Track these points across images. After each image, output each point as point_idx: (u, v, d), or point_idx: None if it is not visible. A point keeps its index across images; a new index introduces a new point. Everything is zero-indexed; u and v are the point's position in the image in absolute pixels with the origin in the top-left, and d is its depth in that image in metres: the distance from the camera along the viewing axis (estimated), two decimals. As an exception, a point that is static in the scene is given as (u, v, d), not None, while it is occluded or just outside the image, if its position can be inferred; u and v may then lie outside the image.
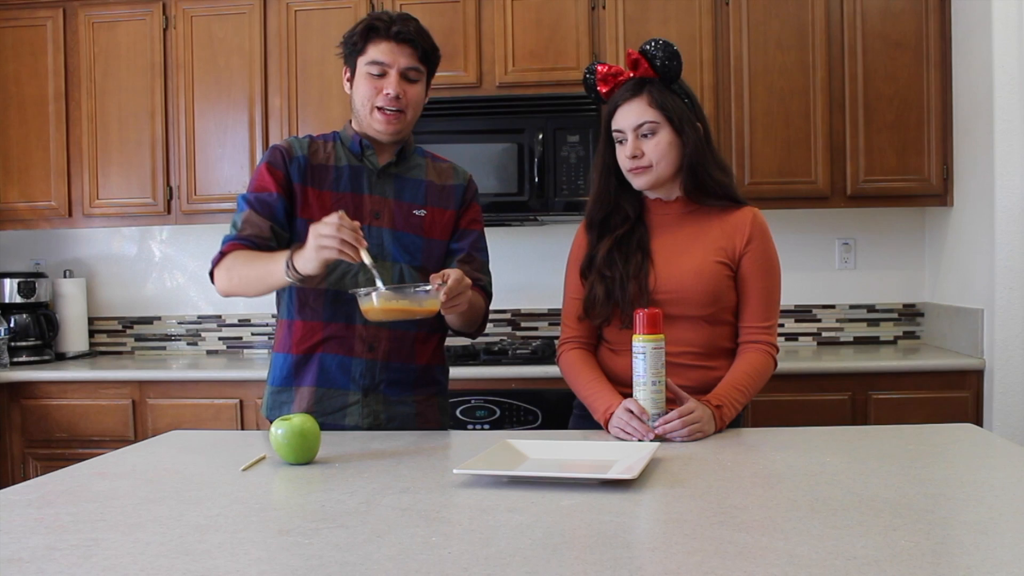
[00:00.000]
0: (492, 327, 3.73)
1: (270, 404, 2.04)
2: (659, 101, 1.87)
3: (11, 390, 3.33)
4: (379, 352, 1.97)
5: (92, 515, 1.28)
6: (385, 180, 2.02)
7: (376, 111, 1.95)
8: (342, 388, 1.97)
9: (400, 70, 1.93)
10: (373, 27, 1.93)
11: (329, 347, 1.97)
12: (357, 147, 2.02)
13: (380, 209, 2.00)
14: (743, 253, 1.91)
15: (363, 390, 1.96)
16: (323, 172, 2.00)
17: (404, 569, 1.03)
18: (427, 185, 2.05)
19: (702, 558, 1.04)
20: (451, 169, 2.12)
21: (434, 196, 2.05)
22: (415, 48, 1.94)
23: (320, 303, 1.96)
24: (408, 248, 2.00)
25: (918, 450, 1.64)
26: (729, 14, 3.33)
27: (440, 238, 2.05)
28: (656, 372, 1.71)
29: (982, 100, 3.05)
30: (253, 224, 1.94)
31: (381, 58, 1.93)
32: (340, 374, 1.97)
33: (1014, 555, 1.05)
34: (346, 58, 2.00)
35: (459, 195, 2.09)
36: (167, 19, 3.53)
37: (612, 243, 1.93)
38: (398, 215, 2.00)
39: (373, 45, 1.93)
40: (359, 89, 1.97)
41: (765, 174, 3.31)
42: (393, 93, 1.92)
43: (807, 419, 2.92)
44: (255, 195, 1.97)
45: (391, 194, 2.01)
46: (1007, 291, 2.98)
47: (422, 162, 2.08)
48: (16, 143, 3.61)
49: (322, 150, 2.03)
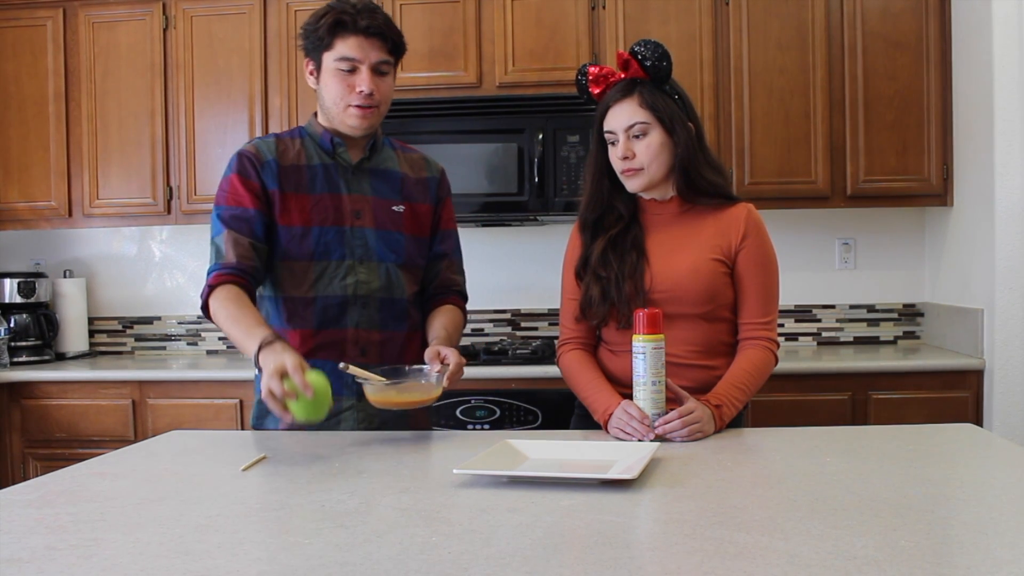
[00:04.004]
0: (492, 327, 3.73)
1: (256, 413, 2.01)
2: (649, 102, 1.87)
3: (11, 390, 3.33)
4: (371, 356, 1.95)
5: (92, 515, 1.28)
6: (361, 177, 1.99)
7: (350, 108, 1.91)
8: (336, 394, 1.90)
9: (371, 65, 1.89)
10: (340, 21, 1.87)
11: (321, 354, 1.93)
12: (328, 144, 1.98)
13: (360, 208, 1.97)
14: (739, 249, 1.91)
15: (357, 395, 1.94)
16: (296, 173, 1.95)
17: (404, 569, 1.02)
18: (403, 179, 2.03)
19: (702, 558, 1.04)
20: (422, 160, 2.10)
21: (410, 190, 2.04)
22: (384, 41, 1.90)
23: (310, 312, 1.94)
24: (392, 246, 1.98)
25: (918, 450, 1.64)
26: (729, 14, 3.33)
27: (420, 234, 2.04)
28: (656, 372, 1.71)
29: (982, 100, 3.05)
30: (235, 247, 1.88)
31: (351, 54, 1.88)
32: (334, 380, 1.91)
33: (1014, 555, 1.05)
34: (309, 51, 1.94)
35: (434, 188, 2.08)
36: (167, 19, 3.53)
37: (606, 243, 1.93)
38: (379, 213, 1.98)
39: (341, 40, 1.88)
40: (330, 87, 1.91)
41: (765, 174, 3.31)
42: (367, 90, 1.89)
43: (807, 419, 2.92)
44: (230, 212, 1.91)
45: (369, 191, 1.99)
46: (1007, 291, 2.98)
47: (392, 154, 2.06)
48: (16, 143, 3.61)
49: (291, 149, 1.97)
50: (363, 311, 1.95)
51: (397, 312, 1.99)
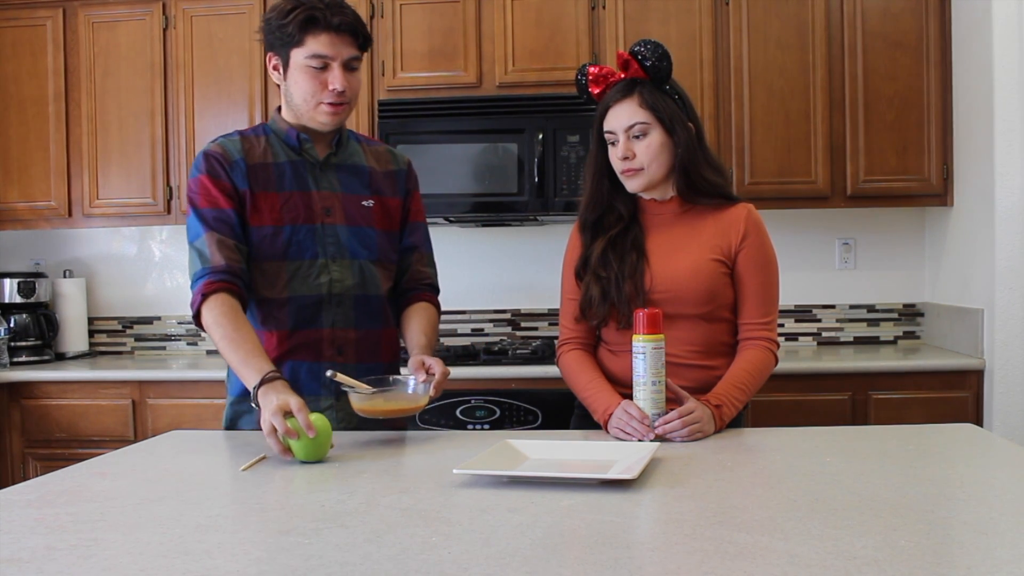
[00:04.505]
0: (492, 327, 3.73)
1: (230, 415, 1.98)
2: (650, 102, 1.87)
3: (11, 390, 3.33)
4: (349, 354, 1.94)
5: (92, 515, 1.28)
6: (328, 172, 1.97)
7: (322, 105, 1.89)
8: (313, 395, 1.91)
9: (343, 61, 1.87)
10: (312, 18, 1.83)
11: (298, 355, 1.92)
12: (294, 140, 1.95)
13: (330, 205, 1.95)
14: (739, 250, 1.91)
15: (335, 394, 1.92)
16: (264, 172, 1.92)
17: (404, 569, 1.02)
18: (370, 172, 2.02)
19: (702, 558, 1.04)
20: (388, 153, 2.09)
21: (378, 184, 2.02)
22: (355, 37, 1.88)
23: (284, 312, 1.92)
24: (364, 242, 1.97)
25: (918, 450, 1.64)
26: (729, 14, 3.33)
27: (390, 228, 2.03)
28: (656, 372, 1.71)
29: (982, 100, 3.05)
30: (221, 248, 1.85)
31: (323, 51, 1.85)
32: (311, 380, 1.92)
33: (1014, 555, 1.05)
34: (274, 46, 1.90)
35: (402, 182, 2.07)
36: (167, 19, 3.53)
37: (606, 243, 1.93)
38: (349, 208, 1.96)
39: (313, 37, 1.84)
40: (300, 84, 1.88)
41: (765, 174, 3.31)
42: (340, 87, 1.87)
43: (807, 419, 2.93)
44: (210, 213, 1.87)
45: (338, 187, 1.97)
46: (1007, 291, 2.98)
47: (358, 148, 2.05)
48: (16, 143, 3.61)
49: (257, 147, 1.94)
50: (338, 310, 1.93)
51: (372, 309, 1.97)
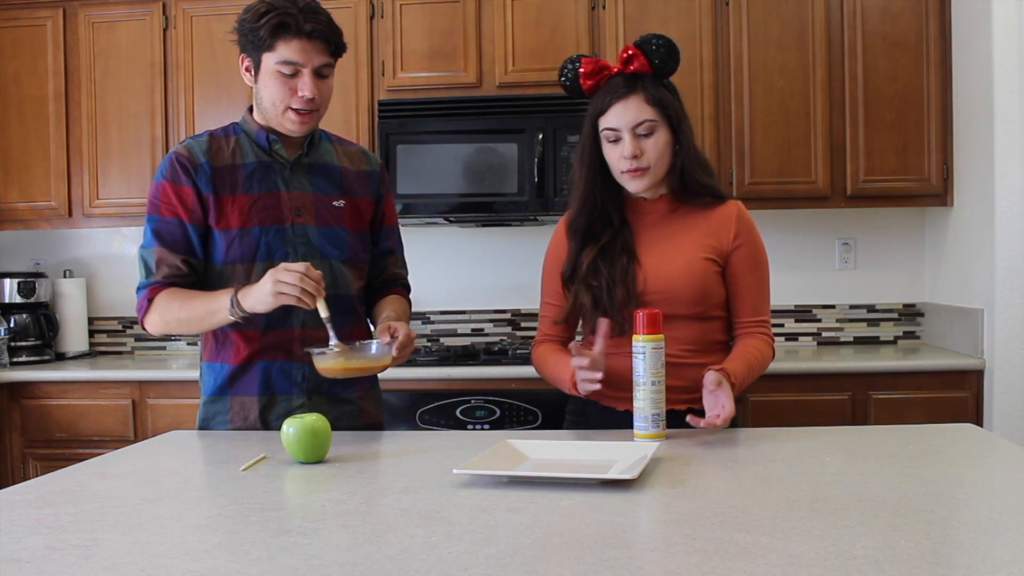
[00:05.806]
0: (492, 327, 3.73)
1: (203, 415, 1.98)
2: (656, 98, 1.84)
3: (11, 390, 3.33)
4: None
5: (92, 515, 1.28)
6: (299, 173, 1.96)
7: (290, 111, 1.87)
8: (286, 394, 1.92)
9: (314, 68, 1.85)
10: (284, 24, 1.81)
11: (269, 354, 1.92)
12: (264, 141, 1.94)
13: (300, 205, 1.94)
14: (732, 249, 1.90)
15: (307, 393, 1.93)
16: (232, 173, 1.91)
17: (404, 569, 1.02)
18: (342, 172, 2.01)
19: (702, 558, 1.04)
20: (360, 153, 2.09)
21: (350, 184, 2.01)
22: (327, 43, 1.85)
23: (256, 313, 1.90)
24: (335, 243, 1.96)
25: (918, 450, 1.64)
26: (729, 14, 3.33)
27: (361, 228, 2.03)
28: (656, 372, 1.70)
29: (982, 100, 3.05)
30: (166, 264, 1.88)
31: (294, 58, 1.83)
32: (282, 380, 1.92)
33: (1014, 555, 1.05)
34: (246, 48, 1.88)
35: (375, 183, 2.07)
36: (167, 19, 3.53)
37: (596, 252, 1.89)
38: (319, 209, 1.95)
39: (284, 43, 1.82)
40: (269, 88, 1.87)
41: (765, 174, 3.31)
42: (310, 95, 1.85)
43: (807, 419, 2.92)
44: (163, 224, 1.89)
45: (308, 187, 1.96)
46: (1007, 291, 2.98)
47: (330, 147, 2.04)
48: (16, 143, 3.61)
49: (225, 148, 1.93)
50: (309, 309, 1.92)
51: (343, 309, 1.96)
